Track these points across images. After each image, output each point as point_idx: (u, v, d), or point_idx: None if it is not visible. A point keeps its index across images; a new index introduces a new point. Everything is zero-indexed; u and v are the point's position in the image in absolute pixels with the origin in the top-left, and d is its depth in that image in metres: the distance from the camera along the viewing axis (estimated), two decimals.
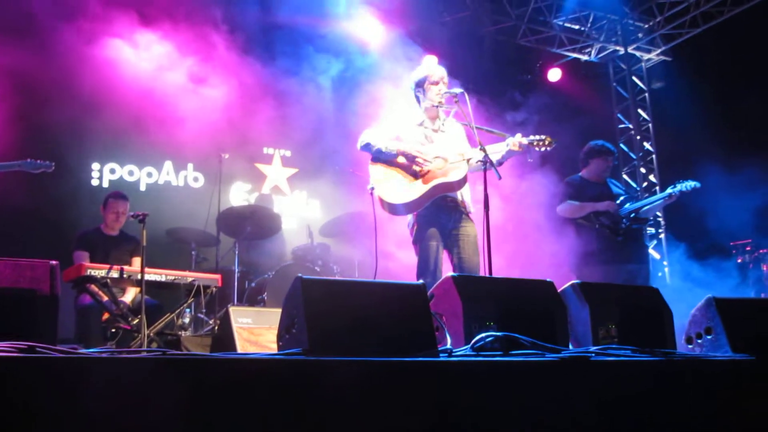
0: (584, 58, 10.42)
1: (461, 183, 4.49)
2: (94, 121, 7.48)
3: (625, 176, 10.47)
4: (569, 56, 10.28)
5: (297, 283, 2.50)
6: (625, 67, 10.57)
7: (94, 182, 7.77)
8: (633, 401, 2.47)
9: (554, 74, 9.99)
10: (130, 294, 5.52)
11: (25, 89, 6.76)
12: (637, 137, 10.48)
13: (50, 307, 2.43)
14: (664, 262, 9.70)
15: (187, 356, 2.04)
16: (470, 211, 4.61)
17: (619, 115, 10.71)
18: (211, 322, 5.86)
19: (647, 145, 10.52)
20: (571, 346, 3.01)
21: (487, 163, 4.26)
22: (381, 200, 4.47)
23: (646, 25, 10.27)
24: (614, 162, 6.15)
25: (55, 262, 2.53)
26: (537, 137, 4.61)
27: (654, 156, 10.44)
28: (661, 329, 3.23)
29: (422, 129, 4.65)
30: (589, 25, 10.13)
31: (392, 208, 4.46)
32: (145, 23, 7.11)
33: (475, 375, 2.31)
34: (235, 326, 4.84)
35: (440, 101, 4.60)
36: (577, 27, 10.12)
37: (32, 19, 6.72)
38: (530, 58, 10.09)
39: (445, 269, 4.47)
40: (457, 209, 4.55)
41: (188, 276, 4.96)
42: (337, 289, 2.54)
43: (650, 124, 10.56)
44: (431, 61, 4.84)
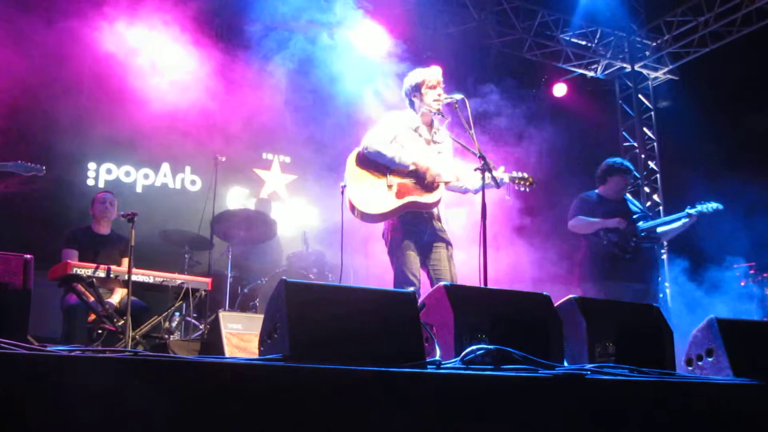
0: (590, 74, 10.37)
1: (434, 206, 4.44)
2: (92, 121, 7.45)
3: (628, 195, 10.37)
4: (575, 72, 10.23)
5: (281, 285, 2.41)
6: (631, 84, 10.49)
7: (90, 182, 7.72)
8: (629, 423, 2.36)
9: (560, 89, 9.95)
10: (117, 295, 5.39)
11: (20, 87, 6.72)
12: (642, 156, 10.38)
13: (22, 301, 2.35)
14: (665, 282, 9.60)
15: (158, 358, 1.94)
16: (444, 228, 4.54)
17: (624, 132, 10.63)
18: (201, 326, 5.78)
19: (652, 164, 10.44)
20: (566, 363, 2.91)
21: (486, 175, 4.21)
22: (351, 203, 4.39)
23: (654, 43, 10.23)
24: (632, 180, 6.13)
25: (29, 256, 2.45)
26: (519, 175, 4.54)
27: (658, 175, 10.36)
28: (661, 349, 3.13)
29: (418, 136, 4.59)
30: (596, 41, 10.10)
31: (363, 216, 4.39)
32: (147, 23, 7.07)
33: (464, 389, 2.21)
34: (224, 331, 4.76)
35: (438, 108, 4.54)
36: (584, 43, 10.07)
37: (30, 16, 6.69)
38: (536, 72, 10.05)
39: (423, 283, 4.41)
40: (432, 221, 4.49)
41: (177, 278, 4.88)
42: (322, 294, 2.45)
43: (655, 143, 10.49)
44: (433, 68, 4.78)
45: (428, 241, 4.43)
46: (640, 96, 10.53)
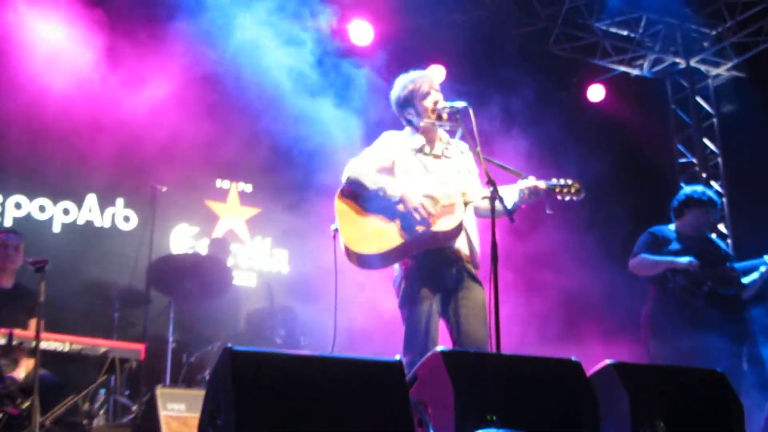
0: (634, 72, 10.43)
1: (452, 234, 4.47)
2: None
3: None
4: (616, 70, 10.27)
5: (226, 356, 2.38)
6: (687, 84, 10.54)
7: None
8: None
9: (596, 92, 10.00)
10: (22, 368, 5.36)
11: None
12: (703, 174, 10.35)
13: None
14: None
15: None
16: (477, 268, 4.60)
17: (679, 146, 10.67)
18: (133, 408, 5.72)
19: (716, 185, 10.48)
20: None
21: (496, 201, 4.23)
22: (346, 248, 4.45)
23: (714, 32, 10.29)
24: (717, 215, 6.20)
25: None
26: (560, 182, 4.60)
27: (725, 200, 10.40)
28: (728, 428, 3.10)
29: (422, 157, 4.69)
30: (641, 31, 10.13)
31: (361, 260, 4.42)
32: (55, 18, 7.13)
33: None
34: (162, 414, 4.71)
35: (442, 117, 4.64)
36: (626, 33, 10.11)
37: None
38: (565, 71, 10.10)
39: (443, 344, 4.36)
40: (460, 264, 4.54)
41: (101, 345, 4.84)
42: (280, 366, 2.43)
43: (719, 159, 10.49)
44: (422, 72, 4.89)
45: (454, 291, 4.49)
46: (698, 99, 10.53)
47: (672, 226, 6.20)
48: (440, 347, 2.88)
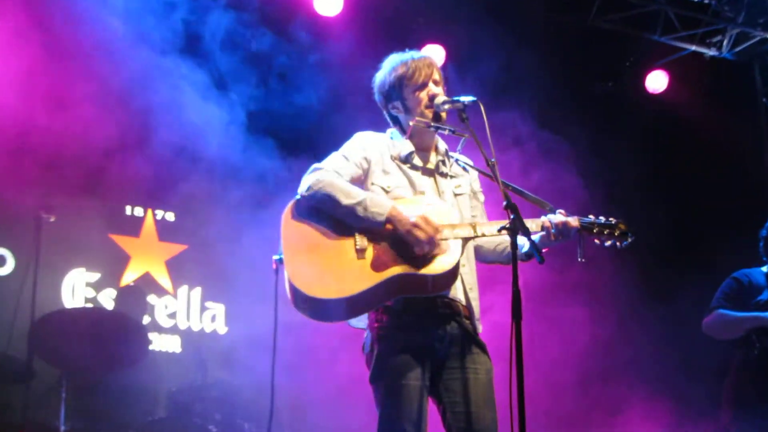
0: (710, 52, 10.45)
1: (445, 279, 4.41)
2: None
3: None
4: (684, 49, 10.33)
5: None
6: None
7: None
8: None
9: (657, 79, 10.07)
10: None
11: None
12: None
13: None
14: None
15: None
16: (478, 330, 4.59)
17: None
18: None
19: None
20: None
21: (517, 232, 4.18)
22: (294, 289, 4.34)
23: None
24: None
25: None
26: (599, 220, 4.65)
27: None
28: None
29: (408, 170, 4.69)
30: None
31: (315, 307, 4.34)
32: None
33: None
34: None
35: (441, 115, 4.65)
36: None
37: None
38: (613, 52, 10.17)
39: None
40: (456, 321, 4.51)
41: None
42: None
43: None
44: (421, 55, 4.84)
45: (448, 355, 4.47)
46: None
47: (765, 269, 6.29)
48: None
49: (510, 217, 4.20)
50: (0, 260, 8.12)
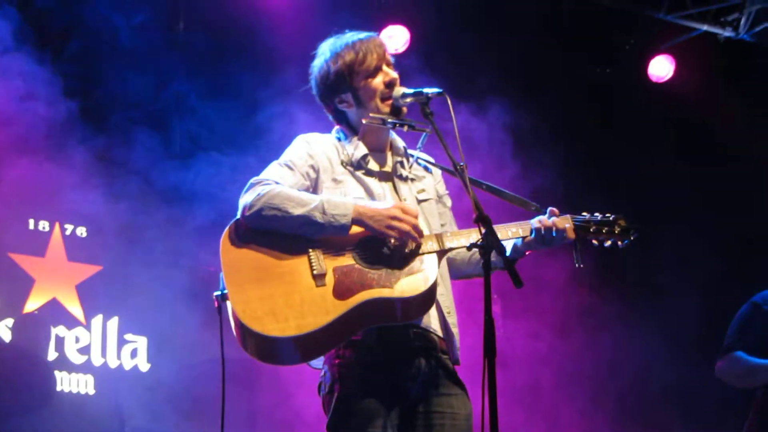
0: (725, 33, 10.53)
1: (418, 303, 4.38)
2: None
3: None
4: (694, 29, 10.41)
5: None
6: None
7: None
8: None
9: (661, 65, 10.13)
10: None
11: None
12: None
13: None
14: None
15: None
16: (457, 362, 4.59)
17: None
18: None
19: None
20: None
21: (490, 251, 4.18)
22: (240, 326, 4.29)
23: None
24: None
25: None
26: (596, 217, 4.67)
27: None
28: None
29: (361, 175, 4.70)
30: None
31: (265, 347, 4.31)
32: None
33: None
34: None
35: (401, 108, 4.65)
36: None
37: None
38: (612, 33, 10.22)
39: None
40: (430, 355, 4.50)
41: None
42: None
43: None
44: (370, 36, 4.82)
45: (422, 396, 4.45)
46: None
47: None
48: None
49: (482, 233, 4.18)
50: None
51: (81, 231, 8.70)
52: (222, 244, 4.43)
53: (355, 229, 4.40)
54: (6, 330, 8.14)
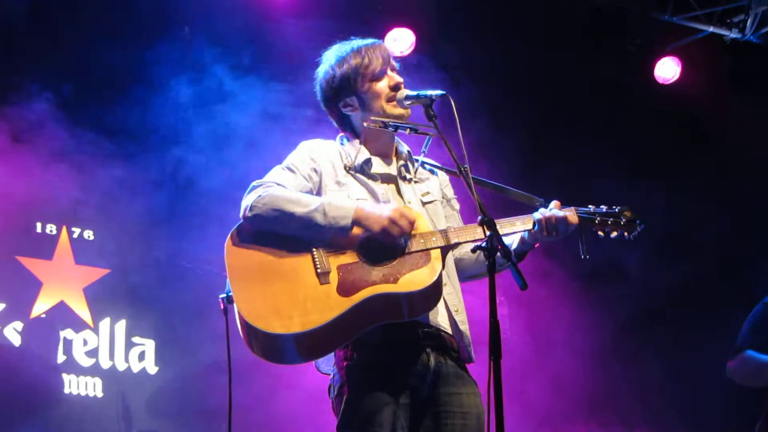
0: (731, 35, 10.49)
1: (426, 296, 4.39)
2: None
3: None
4: (700, 31, 10.38)
5: None
6: None
7: None
8: None
9: (666, 68, 10.10)
10: None
11: None
12: None
13: None
14: None
15: None
16: (470, 360, 4.63)
17: None
18: None
19: None
20: None
21: (494, 253, 4.15)
22: (246, 325, 4.32)
23: None
24: None
25: None
26: (601, 209, 4.72)
27: None
28: None
29: (365, 179, 4.74)
30: None
31: (270, 346, 4.32)
32: None
33: None
34: None
35: (404, 111, 4.70)
36: None
37: None
38: (613, 34, 10.21)
39: None
40: (439, 352, 4.52)
41: None
42: None
43: None
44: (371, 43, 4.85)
45: (431, 394, 4.48)
46: None
47: None
48: None
49: (486, 235, 4.19)
50: None
51: (88, 234, 8.74)
52: (226, 247, 4.46)
53: (357, 229, 4.43)
54: (16, 334, 8.17)
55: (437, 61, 8.91)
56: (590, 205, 4.72)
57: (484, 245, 4.18)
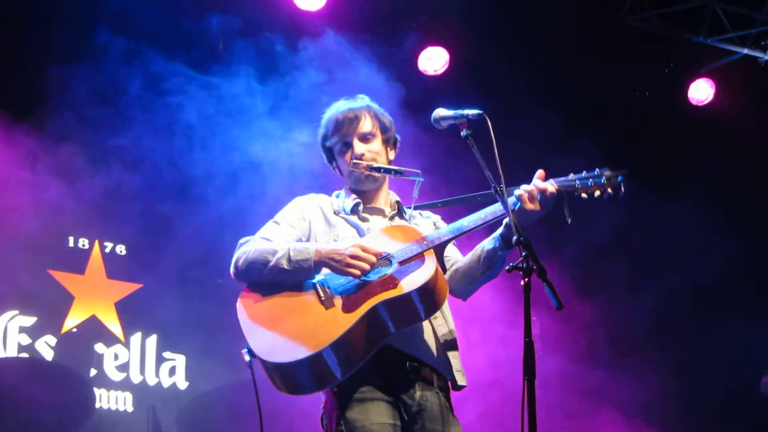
0: (765, 56, 10.36)
1: (430, 293, 4.49)
2: None
3: None
4: (735, 53, 10.34)
5: None
6: None
7: None
8: None
9: (701, 89, 10.09)
10: None
11: None
12: None
13: None
14: None
15: None
16: (459, 387, 4.75)
17: None
18: None
19: None
20: None
21: (530, 274, 4.12)
22: (262, 362, 4.44)
23: None
24: None
25: None
26: (580, 176, 4.68)
27: None
28: None
29: (354, 220, 4.97)
30: None
31: (288, 375, 4.40)
32: None
33: None
34: None
35: (362, 170, 4.94)
36: None
37: None
38: (649, 56, 10.19)
39: None
40: (425, 388, 4.63)
41: None
42: None
43: None
44: None
45: (411, 429, 4.56)
46: None
47: None
48: None
49: (522, 254, 4.17)
50: None
51: (120, 249, 8.80)
52: (238, 308, 4.64)
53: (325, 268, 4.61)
54: (48, 348, 8.23)
55: (471, 80, 8.92)
56: (571, 174, 4.69)
57: (520, 265, 4.17)
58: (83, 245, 8.68)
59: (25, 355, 8.06)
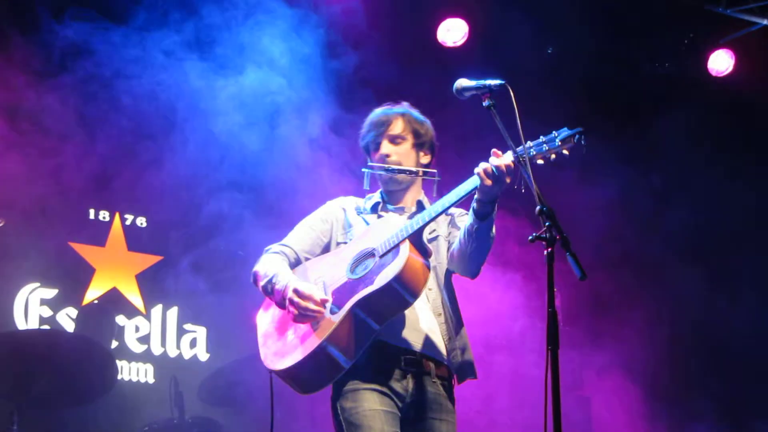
0: None
1: (414, 274, 4.55)
2: None
3: None
4: (755, 24, 10.30)
5: None
6: None
7: None
8: None
9: (720, 60, 10.04)
10: None
11: None
12: None
13: None
14: None
15: None
16: (466, 376, 4.92)
17: None
18: None
19: None
20: None
21: (554, 243, 4.13)
22: (270, 371, 4.74)
23: None
24: None
25: None
26: (537, 143, 4.54)
27: None
28: None
29: (371, 216, 5.13)
30: None
31: (295, 377, 4.62)
32: None
33: None
34: None
35: (375, 171, 5.10)
36: None
37: None
38: (670, 28, 10.16)
39: None
40: (421, 378, 4.75)
41: None
42: None
43: None
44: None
45: (407, 419, 4.71)
46: None
47: None
48: None
49: (545, 225, 4.18)
50: None
51: (141, 221, 8.83)
52: (256, 321, 5.02)
53: (349, 247, 4.84)
54: (69, 320, 8.35)
55: (491, 51, 8.92)
56: (528, 142, 4.54)
57: (543, 235, 4.18)
58: (104, 218, 8.70)
59: (46, 327, 8.13)
